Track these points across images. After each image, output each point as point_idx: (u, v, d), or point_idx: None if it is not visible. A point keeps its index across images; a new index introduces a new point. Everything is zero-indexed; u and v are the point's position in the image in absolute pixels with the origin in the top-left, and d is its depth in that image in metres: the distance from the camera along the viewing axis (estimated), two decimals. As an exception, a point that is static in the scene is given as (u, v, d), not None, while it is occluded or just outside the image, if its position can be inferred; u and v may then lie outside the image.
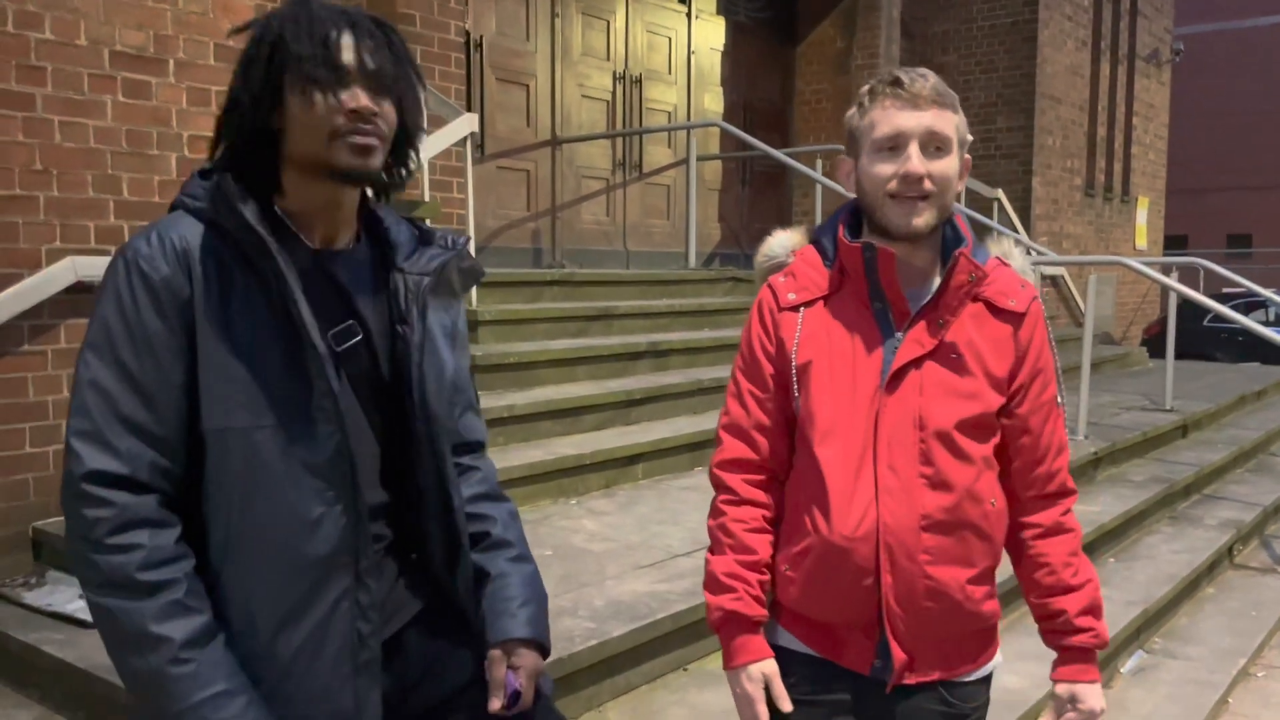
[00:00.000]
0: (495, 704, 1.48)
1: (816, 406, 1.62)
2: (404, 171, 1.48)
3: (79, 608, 3.22)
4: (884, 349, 1.63)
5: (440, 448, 1.49)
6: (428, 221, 5.31)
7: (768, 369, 1.69)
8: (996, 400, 1.64)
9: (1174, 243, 19.17)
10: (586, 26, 7.66)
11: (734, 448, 1.71)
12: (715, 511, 1.72)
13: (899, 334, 1.63)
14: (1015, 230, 9.76)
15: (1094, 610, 1.69)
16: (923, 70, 1.62)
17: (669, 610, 3.03)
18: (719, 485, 1.73)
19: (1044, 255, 8.30)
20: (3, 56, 3.58)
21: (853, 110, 1.68)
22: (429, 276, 1.49)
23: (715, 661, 3.13)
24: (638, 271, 7.19)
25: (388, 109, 1.39)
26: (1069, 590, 1.68)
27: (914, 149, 1.57)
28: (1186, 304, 6.19)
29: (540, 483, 4.29)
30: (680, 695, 2.96)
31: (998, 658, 1.74)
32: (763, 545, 1.68)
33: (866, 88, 1.66)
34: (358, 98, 1.35)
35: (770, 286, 1.72)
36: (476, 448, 1.67)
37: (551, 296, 6.04)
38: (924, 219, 1.59)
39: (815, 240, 1.74)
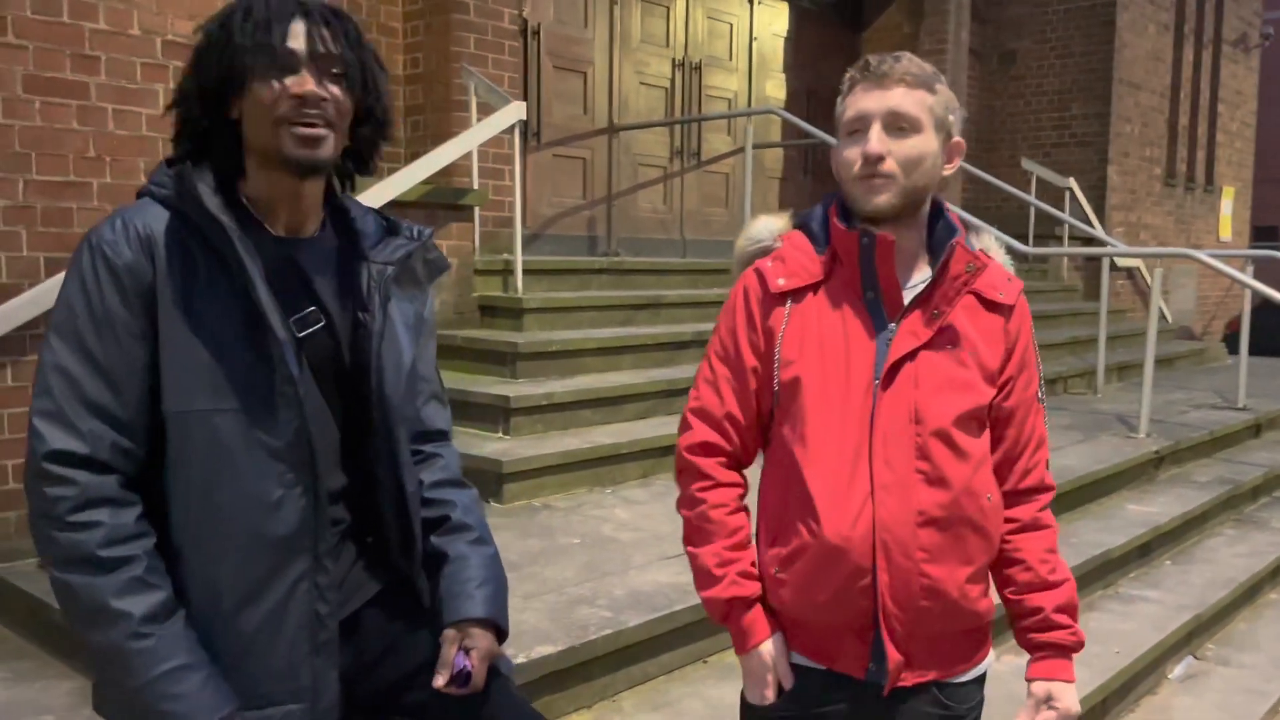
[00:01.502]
0: (439, 681, 1.50)
1: (807, 402, 1.58)
2: (370, 158, 1.49)
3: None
4: (877, 341, 1.58)
5: (394, 434, 1.51)
6: (476, 209, 5.36)
7: (749, 360, 1.65)
8: (989, 393, 1.62)
9: (1263, 234, 18.43)
10: (646, 13, 7.63)
11: (704, 432, 1.68)
12: (689, 501, 1.69)
13: (892, 325, 1.59)
14: (1089, 221, 9.49)
15: (1070, 609, 1.66)
16: (900, 54, 1.59)
17: (689, 602, 3.01)
18: (690, 470, 1.69)
19: (1115, 246, 8.05)
20: (58, 46, 3.69)
21: (839, 98, 1.65)
22: (393, 266, 1.51)
23: (733, 655, 3.11)
24: (688, 260, 7.16)
25: (338, 93, 1.40)
26: (1047, 587, 1.65)
27: (875, 129, 1.55)
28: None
29: (576, 471, 4.30)
30: (697, 688, 2.94)
31: (991, 656, 1.72)
32: (745, 523, 1.67)
33: (847, 75, 1.63)
34: (304, 83, 1.37)
35: (758, 271, 1.66)
36: (438, 436, 1.69)
37: (600, 285, 6.04)
38: (884, 198, 1.55)
39: (803, 225, 1.70)
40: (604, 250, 7.34)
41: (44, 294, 3.64)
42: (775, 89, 8.78)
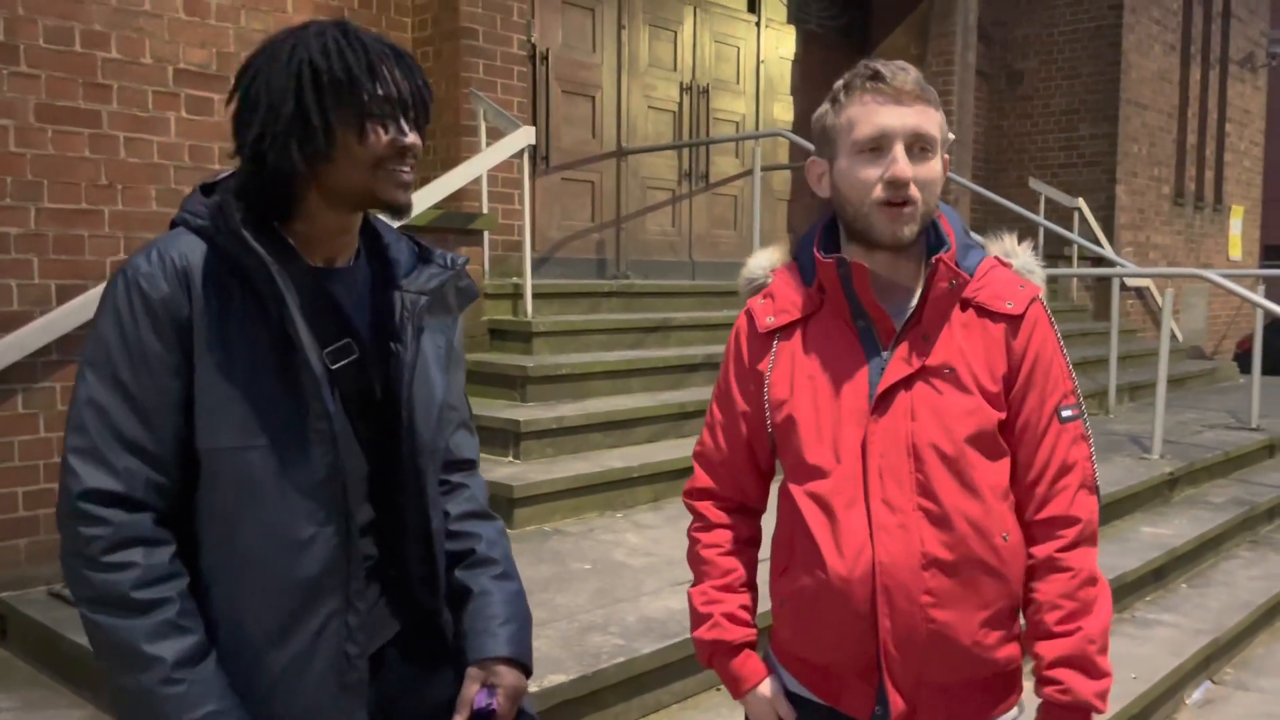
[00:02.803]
0: (458, 719, 1.47)
1: (803, 438, 1.52)
2: None
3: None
4: (869, 370, 1.50)
5: (422, 469, 1.48)
6: (486, 233, 5.37)
7: (740, 405, 1.60)
8: (995, 416, 1.50)
9: (1273, 253, 18.37)
10: (653, 38, 7.66)
11: (702, 478, 1.68)
12: (689, 541, 1.68)
13: (885, 353, 1.51)
14: (1098, 241, 9.47)
15: (1075, 663, 1.47)
16: (902, 63, 1.50)
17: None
18: (691, 512, 1.69)
19: (1125, 266, 8.04)
20: (70, 75, 3.72)
21: (824, 107, 1.53)
22: (426, 296, 1.49)
23: (749, 682, 3.08)
24: (697, 283, 7.15)
25: (420, 140, 1.42)
26: (1049, 636, 1.49)
27: (899, 150, 1.44)
28: None
29: (587, 495, 4.29)
30: (710, 715, 2.92)
31: (1016, 710, 1.59)
32: (738, 565, 1.63)
33: (842, 81, 1.51)
34: (409, 134, 1.37)
35: (749, 310, 1.62)
36: (467, 465, 1.66)
37: (609, 307, 6.04)
38: (910, 228, 1.47)
39: (795, 255, 1.64)
40: (613, 273, 7.34)
41: (55, 322, 3.66)
42: (783, 111, 8.80)
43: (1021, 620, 1.56)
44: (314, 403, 1.35)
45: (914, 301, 1.53)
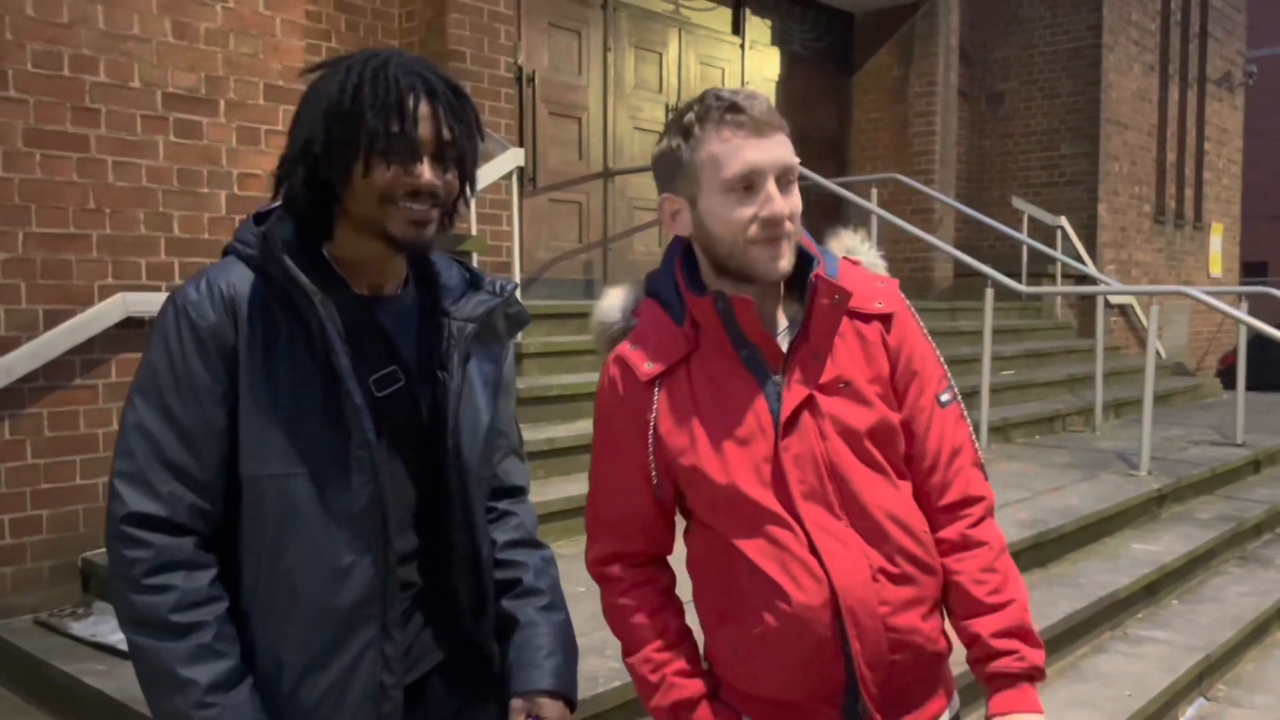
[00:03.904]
0: None
1: (714, 479, 1.46)
2: (448, 225, 1.48)
3: (121, 639, 3.26)
4: (766, 398, 1.46)
5: (470, 498, 1.47)
6: (474, 256, 5.37)
7: (635, 456, 1.52)
8: (896, 419, 1.50)
9: (1253, 270, 18.57)
10: (639, 59, 7.70)
11: (605, 540, 1.59)
12: (610, 611, 1.60)
13: (776, 378, 1.47)
14: (1081, 259, 9.54)
15: (1016, 631, 1.48)
16: (750, 90, 1.46)
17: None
18: (602, 579, 1.60)
19: (1109, 284, 8.09)
20: (58, 99, 3.70)
21: (673, 140, 1.46)
22: (473, 323, 1.49)
23: (746, 704, 3.06)
24: (688, 303, 7.16)
25: (450, 179, 1.40)
26: (983, 610, 1.48)
27: (771, 187, 1.41)
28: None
29: (579, 517, 4.25)
30: (708, 739, 2.90)
31: (956, 699, 1.59)
32: (669, 619, 1.56)
33: (693, 113, 1.44)
34: (423, 174, 1.35)
35: (621, 359, 1.53)
36: (517, 493, 1.65)
37: (599, 328, 6.03)
38: (787, 260, 1.44)
39: (653, 293, 1.56)
40: (600, 294, 7.35)
41: (42, 347, 3.63)
42: (768, 132, 8.84)
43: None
44: (355, 432, 1.35)
45: (785, 323, 1.51)
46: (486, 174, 5.20)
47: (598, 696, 2.71)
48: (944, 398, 1.55)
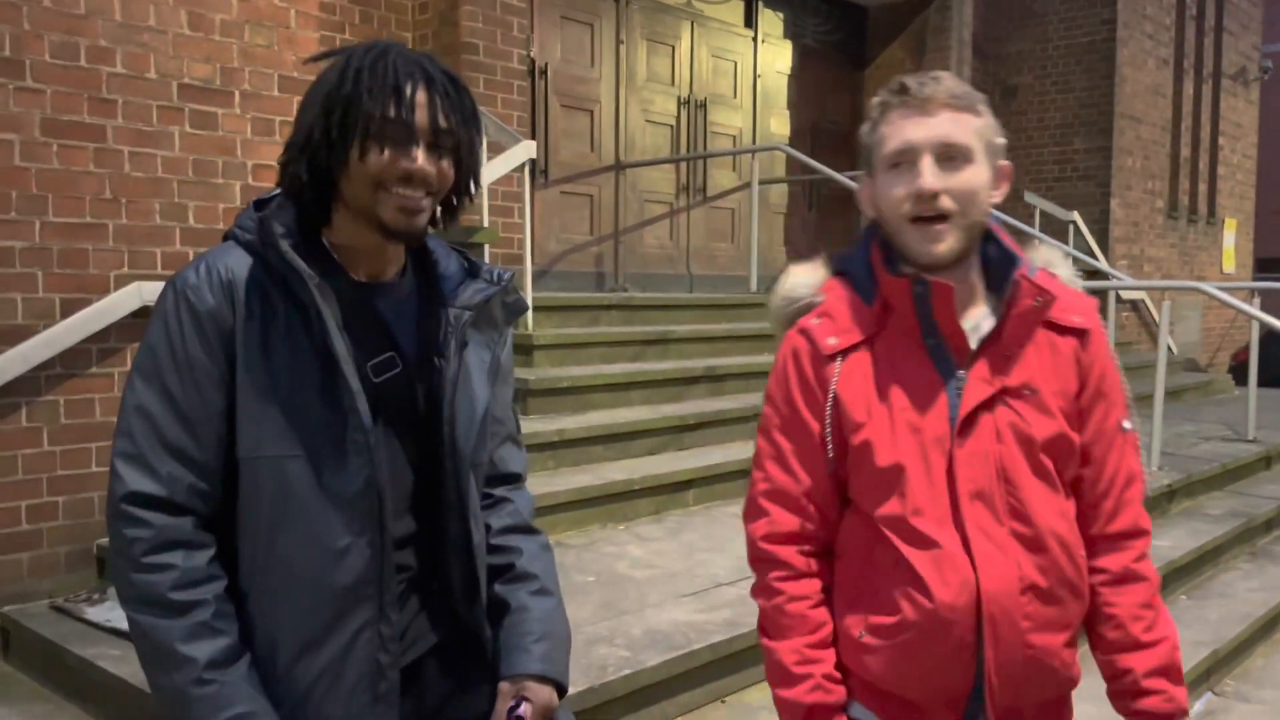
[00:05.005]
0: None
1: (882, 464, 1.44)
2: (451, 216, 1.50)
3: (135, 624, 3.31)
4: (947, 392, 1.44)
5: (464, 483, 1.49)
6: (486, 247, 5.39)
7: (814, 426, 1.49)
8: (1076, 437, 1.47)
9: (1267, 265, 18.45)
10: (651, 52, 7.71)
11: (785, 519, 1.52)
12: (766, 590, 1.53)
13: (961, 373, 1.45)
14: (1093, 254, 9.52)
15: (1168, 671, 1.47)
16: (936, 73, 1.45)
17: (707, 640, 3.00)
18: (769, 560, 1.53)
19: (1121, 279, 8.08)
20: (75, 90, 3.73)
21: (866, 125, 1.50)
22: (471, 311, 1.50)
23: (753, 694, 3.09)
24: (697, 295, 7.18)
25: (445, 167, 1.41)
26: (1138, 647, 1.48)
27: (926, 163, 1.40)
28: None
29: (589, 508, 4.30)
30: (716, 728, 2.93)
31: None
32: (827, 617, 1.52)
33: (877, 99, 1.48)
34: (417, 159, 1.37)
35: (805, 332, 1.52)
36: (513, 479, 1.66)
37: (609, 320, 6.06)
38: (946, 244, 1.41)
39: (843, 272, 1.55)
40: (612, 286, 7.36)
41: (59, 336, 3.66)
42: (779, 125, 8.84)
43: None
44: (351, 416, 1.37)
45: (981, 319, 1.48)
46: (498, 166, 5.22)
47: (607, 685, 2.73)
48: (1127, 425, 1.53)
